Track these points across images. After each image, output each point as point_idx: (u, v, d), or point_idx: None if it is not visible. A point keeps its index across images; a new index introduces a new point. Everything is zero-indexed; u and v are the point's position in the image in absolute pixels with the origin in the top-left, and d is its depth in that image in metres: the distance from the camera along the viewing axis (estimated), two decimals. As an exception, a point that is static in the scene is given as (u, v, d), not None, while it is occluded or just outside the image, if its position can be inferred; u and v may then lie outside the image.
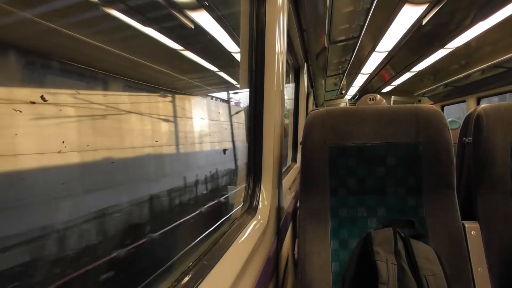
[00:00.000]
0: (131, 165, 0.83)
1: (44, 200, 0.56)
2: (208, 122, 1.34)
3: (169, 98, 1.06)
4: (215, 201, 1.35)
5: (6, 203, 0.49)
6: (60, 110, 0.56)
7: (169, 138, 1.08)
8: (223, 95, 1.54)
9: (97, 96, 0.70)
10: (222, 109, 1.51)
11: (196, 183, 1.27)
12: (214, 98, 1.49)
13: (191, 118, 1.22)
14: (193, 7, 1.06)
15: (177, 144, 1.10)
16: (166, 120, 1.03)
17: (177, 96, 1.10)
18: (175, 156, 1.10)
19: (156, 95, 1.00)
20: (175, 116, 1.07)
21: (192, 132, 1.24)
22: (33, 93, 0.52)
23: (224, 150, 1.33)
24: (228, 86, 1.55)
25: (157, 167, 0.98)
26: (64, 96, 0.59)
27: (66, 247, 0.60)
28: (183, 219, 1.11)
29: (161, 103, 1.02)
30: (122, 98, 0.80)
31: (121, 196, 0.78)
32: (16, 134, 0.48)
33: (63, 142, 0.56)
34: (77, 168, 0.62)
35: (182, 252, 0.74)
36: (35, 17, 0.52)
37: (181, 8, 1.02)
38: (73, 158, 0.60)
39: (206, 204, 1.30)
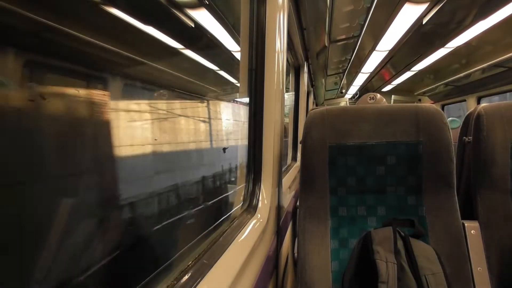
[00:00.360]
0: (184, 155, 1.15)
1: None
2: (232, 122, 1.63)
3: (204, 104, 1.36)
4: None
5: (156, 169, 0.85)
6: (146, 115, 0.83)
7: (206, 135, 1.39)
8: (244, 99, 1.75)
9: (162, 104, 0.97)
10: (243, 110, 1.69)
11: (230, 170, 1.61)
12: (235, 102, 1.75)
13: (221, 119, 1.54)
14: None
15: (211, 140, 1.43)
16: (204, 121, 1.35)
17: (210, 101, 1.41)
18: (211, 150, 1.44)
19: (196, 101, 1.30)
20: (209, 118, 1.40)
21: (222, 130, 1.55)
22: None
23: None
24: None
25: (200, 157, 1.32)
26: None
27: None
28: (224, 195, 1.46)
29: (200, 108, 1.33)
30: (176, 105, 1.08)
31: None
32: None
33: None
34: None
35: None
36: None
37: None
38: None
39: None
